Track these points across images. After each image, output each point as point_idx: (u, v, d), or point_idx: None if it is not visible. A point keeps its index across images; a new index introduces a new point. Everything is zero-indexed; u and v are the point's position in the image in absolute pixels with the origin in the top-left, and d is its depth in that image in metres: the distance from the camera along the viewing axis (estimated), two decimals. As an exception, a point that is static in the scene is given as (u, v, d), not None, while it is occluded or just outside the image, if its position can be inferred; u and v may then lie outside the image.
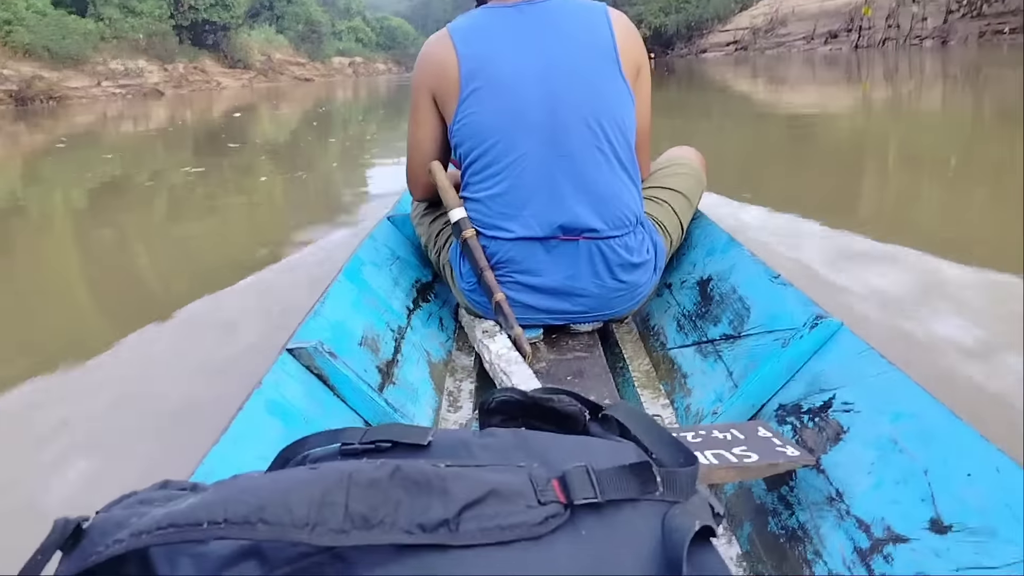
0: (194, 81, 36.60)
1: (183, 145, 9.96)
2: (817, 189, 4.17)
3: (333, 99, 23.79)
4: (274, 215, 4.86)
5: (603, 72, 1.43)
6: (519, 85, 1.40)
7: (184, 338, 2.32)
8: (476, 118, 1.43)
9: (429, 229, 1.75)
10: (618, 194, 1.44)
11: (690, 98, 13.58)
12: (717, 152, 5.54)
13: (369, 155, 7.85)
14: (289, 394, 1.05)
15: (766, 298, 1.35)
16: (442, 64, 1.45)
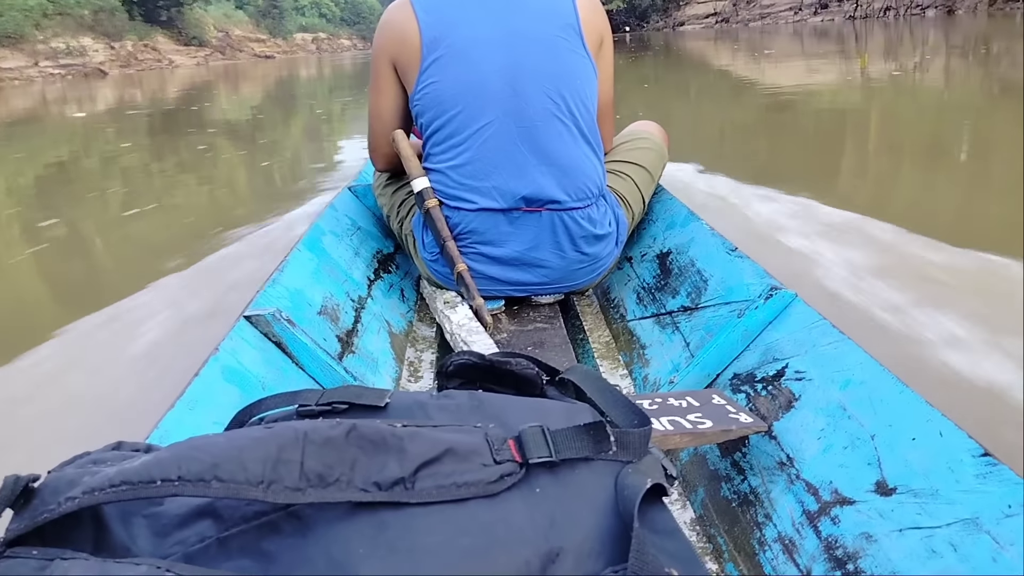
0: (144, 60, 35.85)
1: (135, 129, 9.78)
2: (799, 168, 4.21)
3: (296, 78, 23.48)
4: (235, 196, 4.87)
5: (565, 43, 1.47)
6: (481, 55, 1.44)
7: (141, 317, 2.33)
8: (438, 87, 1.46)
9: (391, 199, 1.78)
10: (580, 166, 1.49)
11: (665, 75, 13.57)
12: (695, 136, 5.57)
13: (333, 133, 7.90)
14: (246, 360, 1.08)
15: (723, 270, 1.40)
16: (403, 32, 1.48)
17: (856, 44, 16.13)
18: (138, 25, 40.09)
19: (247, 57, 48.73)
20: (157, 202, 4.53)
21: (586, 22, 1.49)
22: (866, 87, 8.40)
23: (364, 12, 79.21)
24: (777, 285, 1.20)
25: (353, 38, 75.03)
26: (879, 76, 9.49)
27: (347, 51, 67.14)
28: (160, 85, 22.02)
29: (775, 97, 8.25)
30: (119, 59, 33.84)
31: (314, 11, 70.40)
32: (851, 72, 10.29)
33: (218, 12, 50.66)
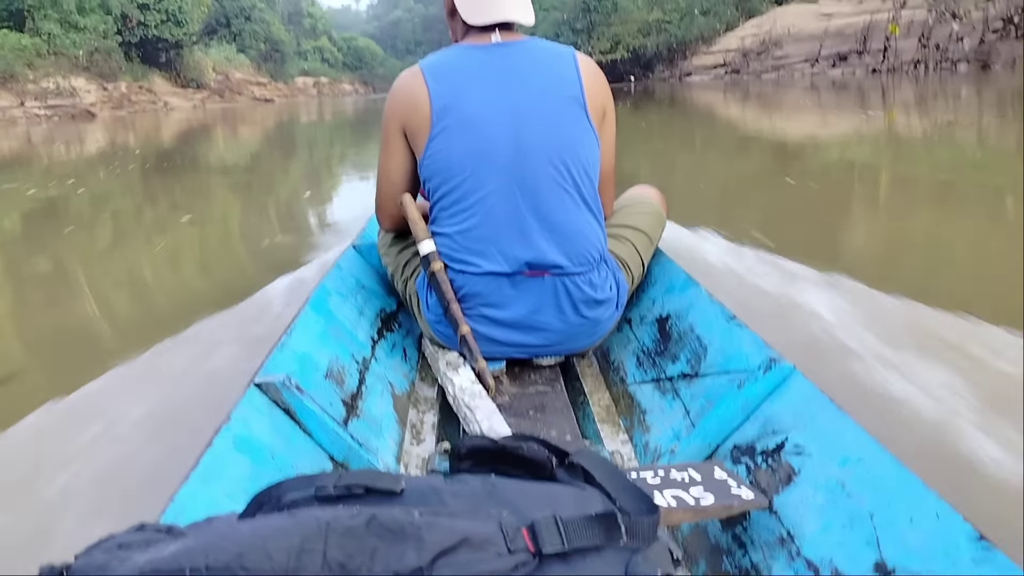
0: (138, 101, 36.48)
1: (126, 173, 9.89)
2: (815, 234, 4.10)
3: (295, 122, 23.82)
4: (240, 246, 4.91)
5: (570, 115, 1.58)
6: (488, 124, 1.54)
7: (147, 378, 2.34)
8: (446, 155, 1.56)
9: (396, 259, 1.88)
10: (582, 232, 1.58)
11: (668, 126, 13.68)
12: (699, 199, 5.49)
13: (335, 179, 7.92)
14: (256, 429, 1.13)
15: (722, 338, 1.48)
16: (414, 100, 1.58)
17: (883, 98, 15.99)
18: (135, 66, 40.86)
19: (246, 100, 49.53)
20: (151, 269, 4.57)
21: (590, 95, 1.60)
22: (890, 143, 8.37)
23: (366, 58, 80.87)
24: (776, 357, 1.25)
25: (355, 82, 76.42)
26: (906, 132, 9.36)
27: (348, 95, 68.42)
28: (151, 129, 22.22)
29: (784, 152, 8.22)
30: (111, 100, 34.41)
31: (317, 56, 71.83)
32: (874, 126, 10.22)
33: (219, 55, 51.64)
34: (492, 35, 1.61)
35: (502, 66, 1.58)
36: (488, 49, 1.60)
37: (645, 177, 6.31)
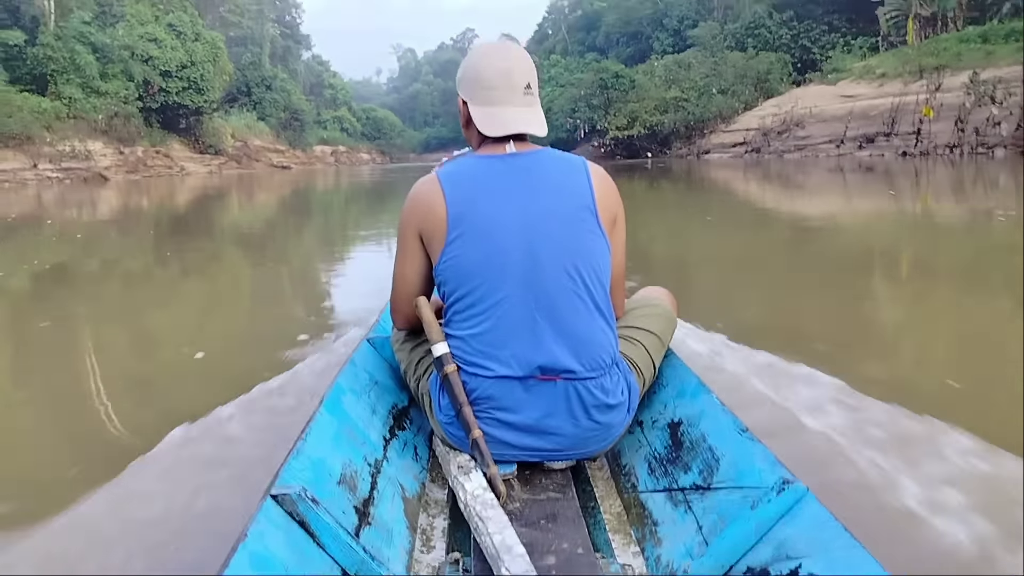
0: (154, 166, 36.48)
1: (136, 239, 9.07)
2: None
3: (311, 190, 23.33)
4: (254, 326, 4.63)
5: (582, 223, 1.62)
6: (503, 232, 1.58)
7: (159, 481, 2.17)
8: (461, 261, 1.60)
9: (409, 356, 1.92)
10: (595, 337, 1.61)
11: (684, 206, 12.95)
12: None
13: (349, 248, 7.88)
14: (272, 544, 1.16)
15: (735, 451, 1.50)
16: (431, 207, 1.63)
17: (916, 181, 15.38)
18: (154, 131, 41.35)
19: (263, 167, 49.90)
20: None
21: (601, 203, 1.65)
22: (927, 230, 7.92)
23: (385, 128, 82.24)
24: (789, 478, 1.27)
25: (372, 152, 77.59)
26: (942, 219, 8.65)
27: (365, 164, 69.51)
28: (164, 194, 22.30)
29: (806, 238, 7.77)
30: (126, 164, 34.36)
31: (336, 125, 73.16)
32: (906, 210, 9.51)
33: (239, 122, 52.38)
34: (507, 145, 1.67)
35: (517, 176, 1.63)
36: (503, 159, 1.66)
37: (657, 259, 6.31)
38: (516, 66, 1.67)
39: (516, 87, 1.66)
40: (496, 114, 1.66)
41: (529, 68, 1.69)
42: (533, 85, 1.69)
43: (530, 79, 1.68)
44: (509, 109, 1.66)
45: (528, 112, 1.67)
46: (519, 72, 1.67)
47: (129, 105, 37.99)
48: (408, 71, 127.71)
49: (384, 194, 20.42)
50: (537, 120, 1.68)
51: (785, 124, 28.49)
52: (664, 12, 57.94)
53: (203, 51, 43.27)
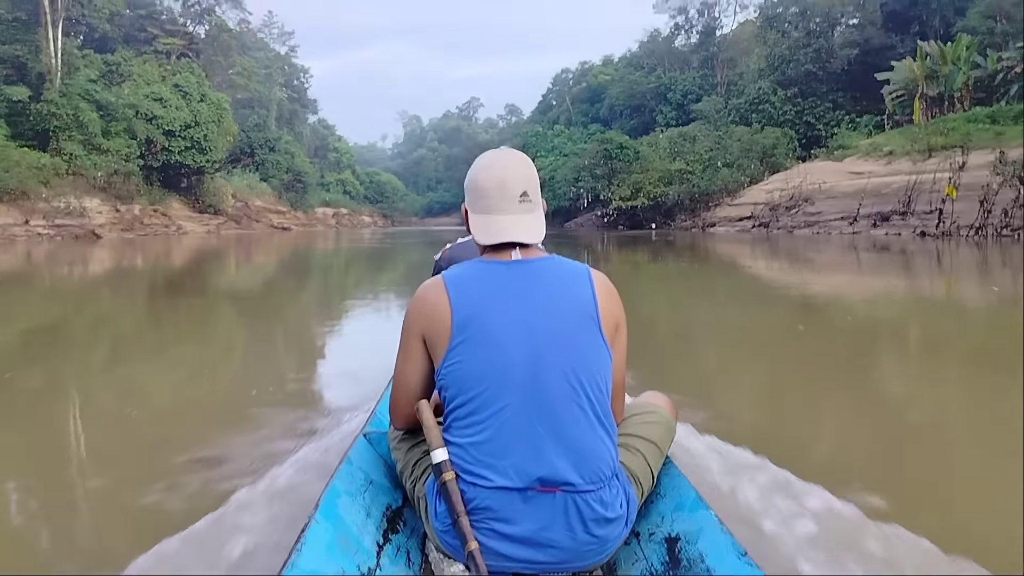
0: (151, 224, 35.77)
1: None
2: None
3: (311, 253, 22.50)
4: (243, 408, 4.00)
5: (585, 332, 1.63)
6: (507, 340, 1.58)
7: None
8: (463, 367, 1.59)
9: (406, 456, 1.88)
10: (595, 449, 1.59)
11: (687, 280, 12.04)
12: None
13: (346, 320, 7.35)
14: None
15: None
16: (436, 311, 1.64)
17: (938, 264, 14.41)
18: (155, 190, 40.85)
19: (263, 227, 49.32)
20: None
21: (604, 312, 1.66)
22: (957, 319, 7.19)
23: (387, 192, 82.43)
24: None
25: (374, 215, 77.50)
26: (969, 306, 7.77)
27: (367, 227, 69.27)
28: (157, 253, 21.59)
29: (817, 322, 7.08)
30: (122, 222, 33.65)
31: (339, 187, 73.21)
32: (923, 296, 8.65)
33: (241, 182, 52.16)
34: (512, 252, 1.69)
35: (521, 284, 1.65)
36: (509, 266, 1.67)
37: (658, 341, 5.99)
38: (510, 175, 1.70)
39: (510, 196, 1.69)
40: (490, 222, 1.69)
41: (526, 176, 1.72)
42: (532, 192, 1.72)
43: (527, 187, 1.71)
44: (503, 217, 1.69)
45: (523, 220, 1.69)
46: (513, 181, 1.70)
47: (130, 163, 37.62)
48: (413, 137, 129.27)
49: (383, 258, 19.64)
50: (532, 228, 1.70)
51: (794, 199, 27.64)
52: (668, 86, 58.60)
53: (208, 111, 43.21)
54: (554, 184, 57.68)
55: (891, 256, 16.37)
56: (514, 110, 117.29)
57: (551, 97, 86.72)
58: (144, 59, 43.56)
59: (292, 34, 77.59)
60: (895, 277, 11.71)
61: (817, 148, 36.96)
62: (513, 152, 1.77)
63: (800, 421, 3.76)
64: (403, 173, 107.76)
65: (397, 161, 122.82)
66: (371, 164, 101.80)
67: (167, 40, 44.30)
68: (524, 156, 1.77)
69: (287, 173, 57.20)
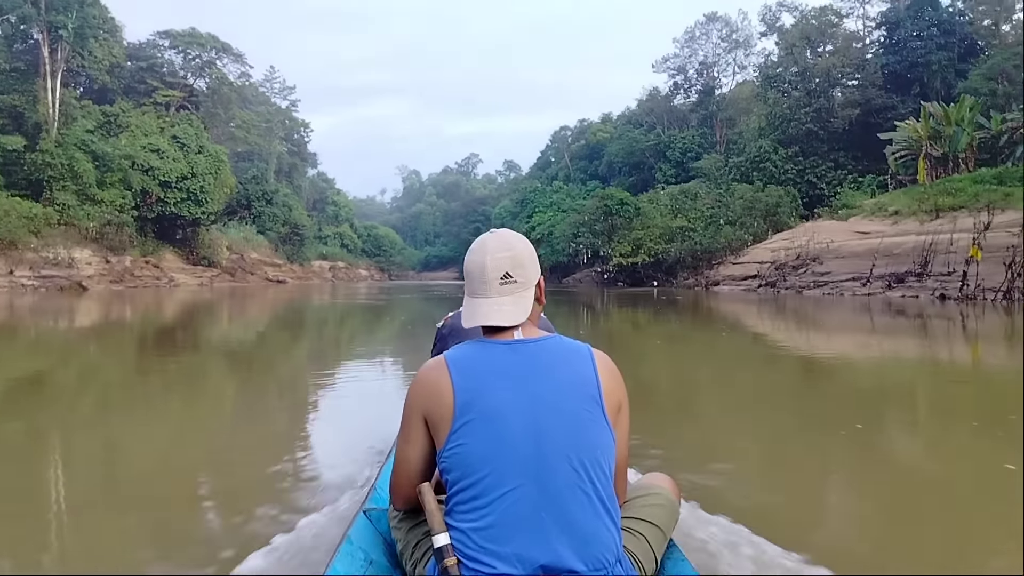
0: (142, 276, 34.88)
1: None
2: None
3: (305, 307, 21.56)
4: (232, 480, 3.69)
5: (588, 414, 1.61)
6: (510, 423, 1.56)
7: None
8: (466, 450, 1.57)
9: (407, 537, 1.85)
10: (599, 536, 1.56)
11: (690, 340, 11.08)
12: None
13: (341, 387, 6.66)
14: None
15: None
16: (438, 393, 1.62)
17: (962, 328, 13.21)
18: (148, 241, 40.11)
19: (258, 280, 48.54)
20: None
21: (607, 392, 1.64)
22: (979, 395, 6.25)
23: (385, 245, 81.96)
24: None
25: (371, 268, 76.90)
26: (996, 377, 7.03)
27: (363, 280, 68.63)
28: (145, 305, 20.72)
29: (832, 388, 6.56)
30: (111, 274, 32.76)
31: (337, 241, 72.78)
32: (950, 362, 7.71)
33: (238, 234, 51.57)
34: (514, 332, 1.68)
35: (524, 365, 1.62)
36: (511, 346, 1.66)
37: (659, 409, 5.57)
38: (490, 259, 1.70)
39: (491, 279, 1.69)
40: (473, 305, 1.71)
41: (508, 257, 1.70)
42: (516, 272, 1.70)
43: (509, 268, 1.70)
44: (483, 301, 1.69)
45: (502, 302, 1.68)
46: (493, 264, 1.69)
47: (124, 214, 37.00)
48: (412, 191, 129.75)
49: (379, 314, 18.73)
50: (512, 311, 1.68)
51: (801, 259, 26.68)
52: (667, 144, 58.64)
53: (205, 163, 42.81)
54: (552, 240, 57.24)
55: (910, 320, 15.46)
56: (512, 166, 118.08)
57: (549, 153, 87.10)
58: (143, 111, 43.36)
59: (293, 88, 78.07)
60: (918, 342, 10.81)
61: (820, 207, 36.48)
62: (501, 234, 1.75)
63: (809, 497, 3.49)
64: (401, 227, 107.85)
65: (396, 215, 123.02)
66: (370, 218, 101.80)
67: (166, 92, 44.11)
68: (512, 236, 1.75)
69: (284, 226, 56.76)
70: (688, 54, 60.68)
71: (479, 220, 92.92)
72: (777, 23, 48.07)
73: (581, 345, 1.71)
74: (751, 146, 43.26)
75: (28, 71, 36.36)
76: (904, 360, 8.96)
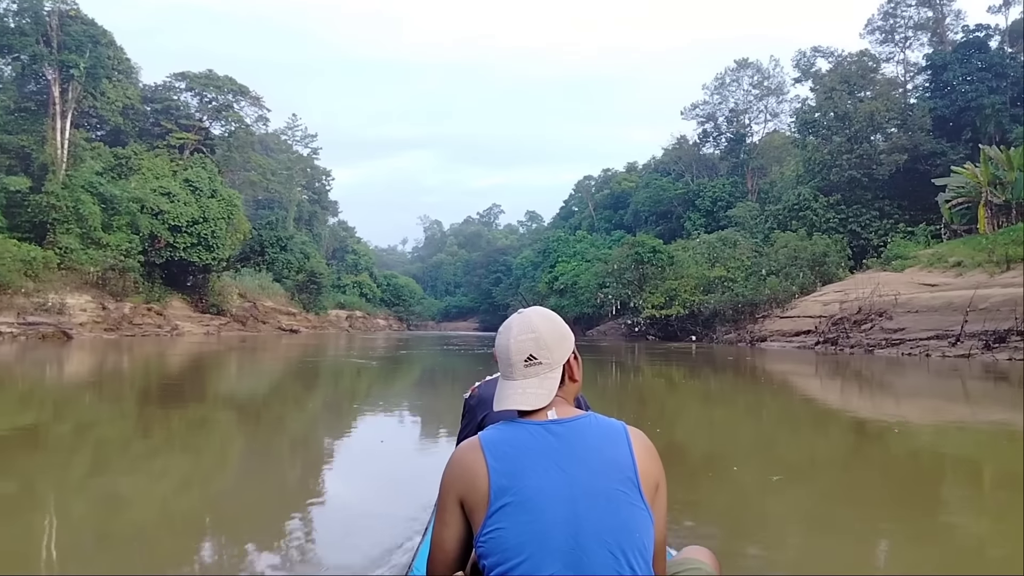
0: (142, 324, 32.58)
1: None
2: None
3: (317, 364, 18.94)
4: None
5: (625, 497, 1.58)
6: (546, 508, 1.54)
7: None
8: (503, 534, 1.54)
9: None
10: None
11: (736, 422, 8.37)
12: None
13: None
14: None
15: None
16: (473, 476, 1.60)
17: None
18: (156, 287, 38.14)
19: (270, 329, 46.24)
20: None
21: (644, 473, 1.61)
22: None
23: (405, 295, 79.74)
24: None
25: (389, 318, 74.63)
26: None
27: (381, 330, 66.23)
28: (132, 359, 18.52)
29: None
30: (106, 321, 30.44)
31: (355, 290, 70.76)
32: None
33: (253, 282, 49.58)
34: (548, 412, 1.66)
35: (559, 447, 1.61)
36: (546, 427, 1.64)
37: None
38: (513, 342, 1.70)
39: (515, 362, 1.69)
40: (502, 388, 1.71)
41: (531, 339, 1.70)
42: (540, 353, 1.69)
43: (532, 350, 1.69)
44: (508, 384, 1.70)
45: (527, 385, 1.68)
46: (516, 347, 1.70)
47: (130, 259, 35.08)
48: (433, 241, 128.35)
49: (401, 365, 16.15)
50: (536, 393, 1.67)
51: (863, 313, 23.53)
52: (696, 193, 56.19)
53: (218, 208, 40.96)
54: (577, 290, 54.59)
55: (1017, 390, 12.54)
56: (535, 216, 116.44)
57: (572, 203, 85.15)
58: (156, 153, 41.79)
59: (315, 136, 77.39)
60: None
61: (867, 258, 33.67)
62: (526, 315, 1.75)
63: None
64: (422, 276, 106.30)
65: (416, 264, 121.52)
66: (390, 267, 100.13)
67: (181, 135, 42.54)
68: (537, 317, 1.74)
69: (300, 273, 54.85)
70: (718, 101, 58.55)
71: (500, 270, 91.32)
72: (812, 68, 45.97)
73: (616, 423, 1.69)
74: (789, 193, 40.43)
75: (38, 111, 34.89)
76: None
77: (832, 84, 39.76)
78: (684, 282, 36.70)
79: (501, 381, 1.71)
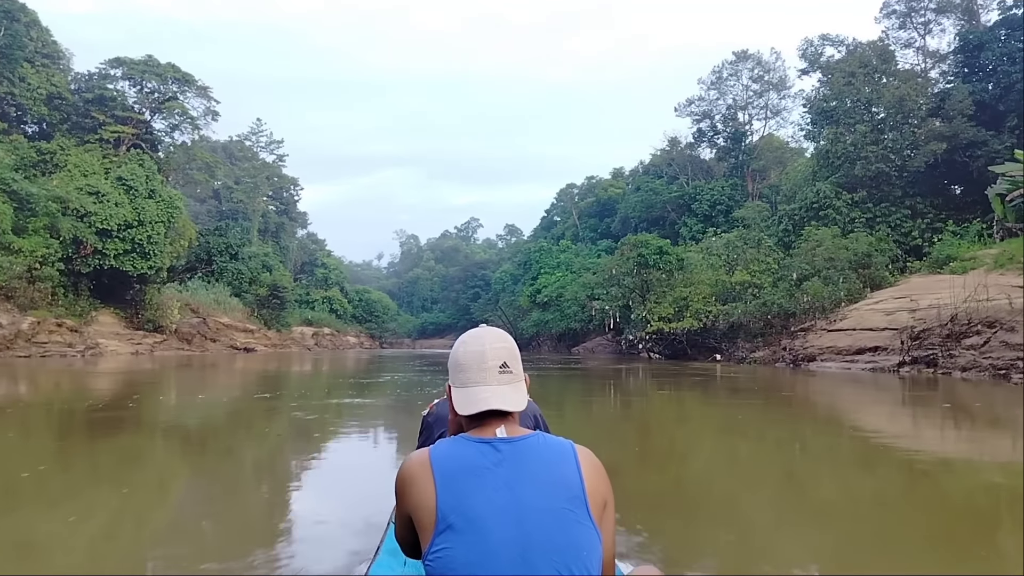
0: (47, 343, 26.48)
1: None
2: None
3: (249, 396, 13.15)
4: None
5: (572, 515, 1.56)
6: (493, 527, 1.51)
7: None
8: (450, 554, 1.51)
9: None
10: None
11: None
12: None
13: None
14: None
15: None
16: (420, 492, 1.58)
17: None
18: (81, 300, 31.95)
19: (221, 348, 40.18)
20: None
21: (592, 491, 1.60)
22: None
23: (378, 311, 73.82)
24: None
25: (361, 335, 68.71)
26: None
27: (352, 348, 60.66)
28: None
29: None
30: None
31: (325, 305, 64.66)
32: None
33: (208, 297, 43.48)
34: (497, 429, 1.64)
35: (507, 467, 1.59)
36: (494, 445, 1.61)
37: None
38: (489, 348, 1.69)
39: (490, 367, 1.68)
40: (470, 394, 1.67)
41: (505, 349, 1.71)
42: (512, 364, 1.70)
43: (506, 358, 1.70)
44: (483, 388, 1.67)
45: (503, 390, 1.67)
46: (492, 353, 1.69)
47: (47, 267, 29.10)
48: (409, 256, 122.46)
49: (341, 418, 10.30)
50: (513, 398, 1.67)
51: (963, 324, 16.55)
52: (693, 196, 50.88)
53: (156, 210, 34.76)
54: (562, 303, 48.93)
55: None
56: (514, 230, 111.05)
57: (555, 213, 79.71)
58: (87, 148, 35.69)
59: (281, 143, 71.20)
60: None
61: (909, 258, 28.47)
62: (493, 328, 1.75)
63: None
64: (398, 292, 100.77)
65: (392, 280, 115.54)
66: (364, 282, 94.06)
67: (115, 128, 36.41)
68: (504, 332, 1.76)
69: (260, 287, 48.83)
70: (715, 97, 53.04)
71: (478, 285, 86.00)
72: (820, 58, 41.00)
73: (565, 442, 1.67)
74: (805, 190, 35.01)
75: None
76: None
77: (851, 69, 34.70)
78: (697, 289, 30.93)
79: (467, 388, 1.68)
